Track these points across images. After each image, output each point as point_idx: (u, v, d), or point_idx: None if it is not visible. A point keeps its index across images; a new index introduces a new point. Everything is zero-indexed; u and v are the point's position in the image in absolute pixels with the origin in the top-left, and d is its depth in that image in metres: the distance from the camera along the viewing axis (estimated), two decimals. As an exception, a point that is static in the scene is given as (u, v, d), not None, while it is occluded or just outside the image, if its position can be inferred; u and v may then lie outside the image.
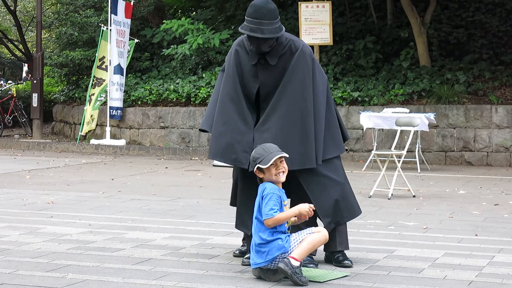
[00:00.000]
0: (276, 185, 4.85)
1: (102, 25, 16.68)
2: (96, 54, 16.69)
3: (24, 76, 19.49)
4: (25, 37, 24.94)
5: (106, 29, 16.38)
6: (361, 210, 5.48)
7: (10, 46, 25.02)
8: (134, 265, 5.20)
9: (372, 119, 12.28)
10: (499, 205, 8.45)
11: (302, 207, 4.84)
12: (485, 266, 5.27)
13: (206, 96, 15.26)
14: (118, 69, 16.27)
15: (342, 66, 15.50)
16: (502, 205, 8.45)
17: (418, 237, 6.38)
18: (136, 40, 17.30)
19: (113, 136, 16.21)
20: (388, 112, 12.35)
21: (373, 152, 9.85)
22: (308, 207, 4.84)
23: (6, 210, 7.62)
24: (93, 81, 16.59)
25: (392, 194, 8.95)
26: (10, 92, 20.31)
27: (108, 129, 16.08)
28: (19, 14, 26.46)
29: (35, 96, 17.62)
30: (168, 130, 15.62)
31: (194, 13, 20.28)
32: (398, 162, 9.24)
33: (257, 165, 4.82)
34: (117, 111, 16.06)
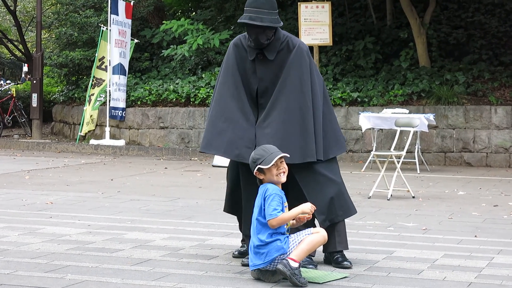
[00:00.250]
0: (276, 185, 4.85)
1: (102, 25, 16.68)
2: (95, 54, 16.69)
3: (22, 76, 19.45)
4: (25, 37, 24.93)
5: (106, 29, 16.39)
6: (356, 210, 5.48)
7: (10, 46, 25.00)
8: (133, 265, 5.19)
9: (371, 120, 12.28)
10: (499, 206, 8.44)
11: (305, 206, 4.83)
12: (484, 267, 5.27)
13: (205, 96, 15.26)
14: (120, 69, 16.28)
15: (341, 66, 15.50)
16: (501, 206, 8.44)
17: (417, 238, 6.38)
18: (135, 40, 17.31)
19: (112, 136, 16.21)
20: (387, 112, 12.34)
21: (372, 152, 9.84)
22: (310, 206, 4.83)
23: (5, 211, 7.61)
24: (92, 81, 16.59)
25: (391, 195, 8.94)
26: (9, 92, 20.30)
27: (107, 129, 16.08)
28: (19, 14, 26.46)
29: (35, 96, 17.62)
30: (167, 131, 15.62)
31: (193, 13, 20.28)
32: (398, 162, 9.24)
33: (258, 166, 4.82)
34: (118, 112, 16.05)
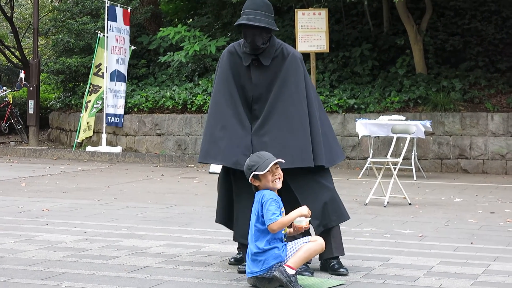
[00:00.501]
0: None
1: (99, 32, 16.69)
2: (92, 61, 16.68)
3: (17, 83, 19.40)
4: (21, 44, 24.97)
5: (103, 36, 16.39)
6: (349, 216, 5.49)
7: (7, 53, 25.05)
8: (129, 273, 5.19)
9: (368, 127, 12.28)
10: (495, 213, 8.45)
11: (303, 208, 4.84)
12: (480, 274, 5.27)
13: (202, 103, 15.26)
14: (117, 76, 16.28)
15: (338, 73, 15.52)
16: (497, 213, 8.45)
17: (413, 245, 6.38)
18: (132, 47, 17.31)
19: (109, 143, 16.20)
20: (384, 119, 12.35)
21: (369, 159, 9.84)
22: (307, 209, 4.83)
23: (2, 218, 7.60)
24: (89, 88, 16.58)
25: (388, 202, 8.94)
26: (6, 99, 20.29)
27: (104, 136, 16.08)
28: (16, 21, 26.49)
29: (31, 103, 17.61)
30: (164, 137, 15.62)
31: (190, 20, 20.31)
32: (394, 169, 9.24)
33: (253, 172, 4.82)
34: (116, 118, 16.05)
